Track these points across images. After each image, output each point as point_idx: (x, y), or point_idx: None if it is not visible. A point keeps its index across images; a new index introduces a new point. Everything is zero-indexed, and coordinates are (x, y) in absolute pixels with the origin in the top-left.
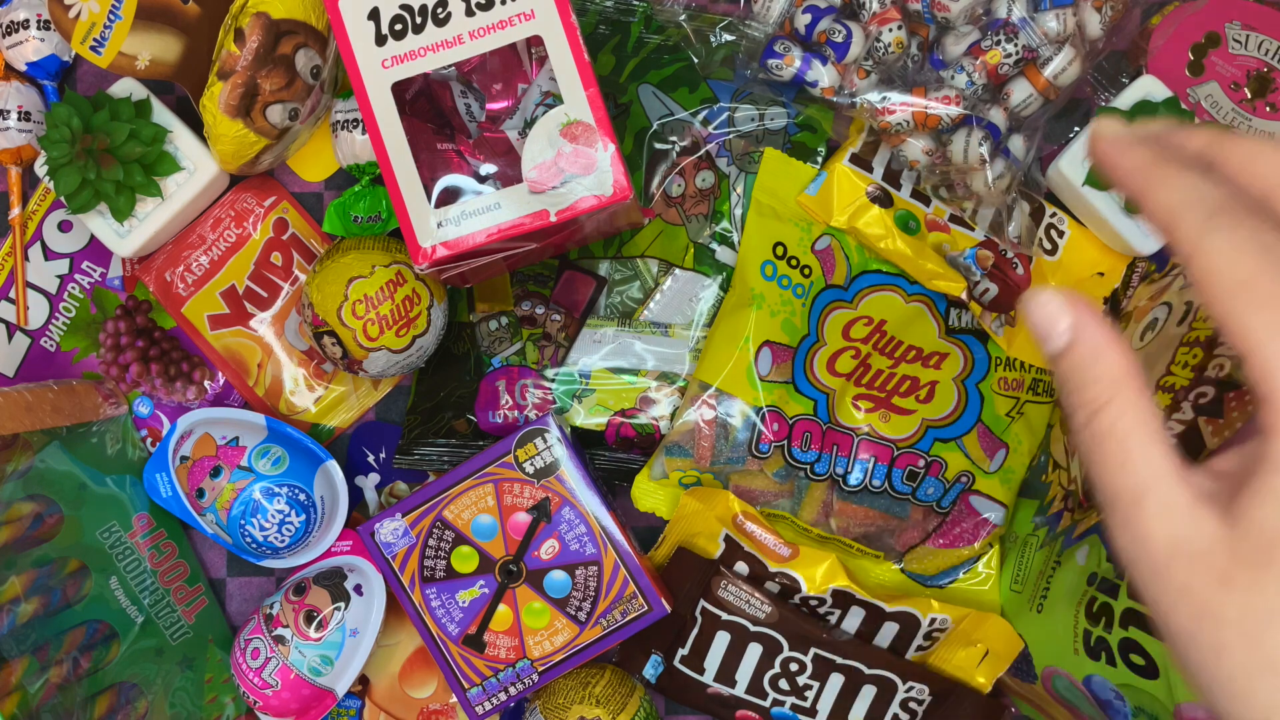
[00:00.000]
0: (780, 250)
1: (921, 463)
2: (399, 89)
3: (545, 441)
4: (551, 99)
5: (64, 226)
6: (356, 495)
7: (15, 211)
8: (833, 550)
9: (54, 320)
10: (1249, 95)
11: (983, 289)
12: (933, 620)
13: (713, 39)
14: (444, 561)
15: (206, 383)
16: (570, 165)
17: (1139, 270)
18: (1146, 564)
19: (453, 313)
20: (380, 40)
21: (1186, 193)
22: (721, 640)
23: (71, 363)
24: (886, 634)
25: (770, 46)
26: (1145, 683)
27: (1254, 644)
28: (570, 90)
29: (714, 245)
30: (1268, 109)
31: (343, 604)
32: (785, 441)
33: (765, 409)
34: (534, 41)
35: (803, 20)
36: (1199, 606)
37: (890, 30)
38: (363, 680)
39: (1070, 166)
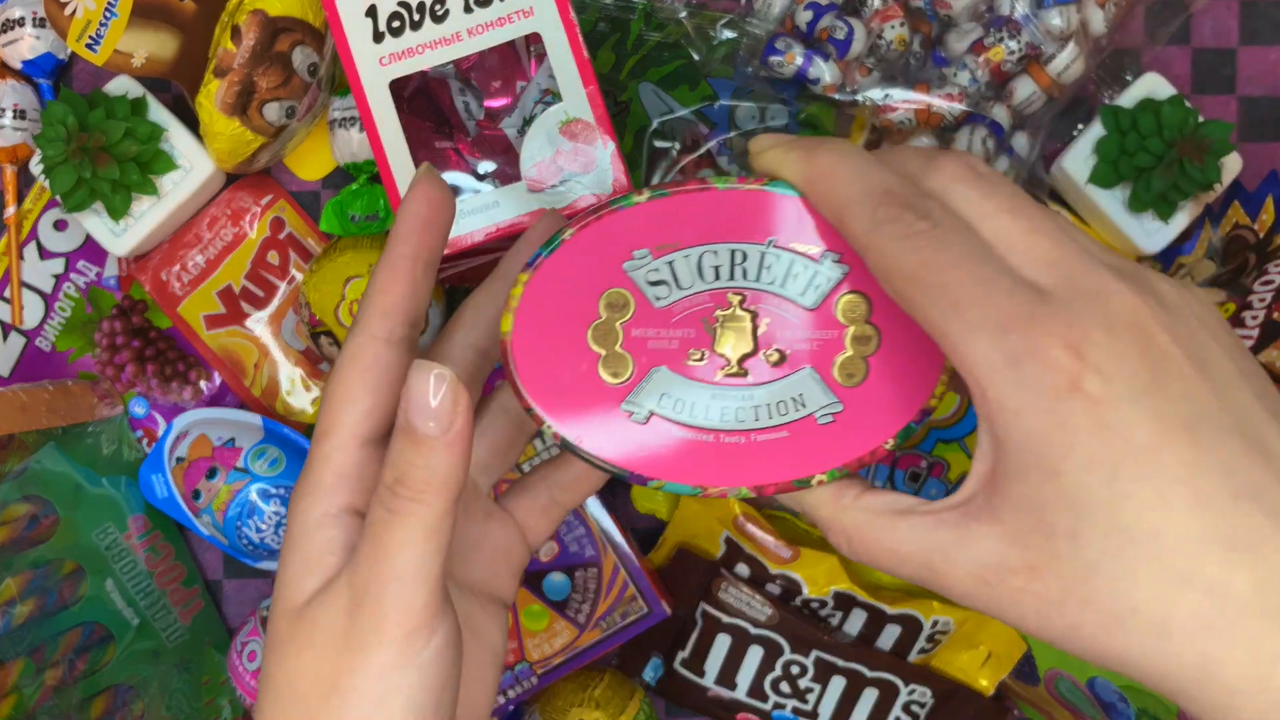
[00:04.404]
0: None
1: (924, 464)
2: (397, 87)
3: (544, 442)
4: (550, 97)
5: (59, 225)
6: None
7: (10, 210)
8: (834, 552)
9: (49, 320)
10: None
11: None
12: (935, 622)
13: (713, 36)
14: None
15: (202, 383)
16: (569, 163)
17: None
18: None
19: (450, 312)
20: (378, 37)
21: (853, 184)
22: (722, 643)
23: (67, 363)
24: (888, 636)
25: (771, 44)
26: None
27: (1091, 605)
28: (569, 88)
29: None
30: None
31: None
32: None
33: None
34: (533, 39)
35: (804, 17)
36: (1026, 609)
37: (892, 27)
38: None
39: (1074, 164)
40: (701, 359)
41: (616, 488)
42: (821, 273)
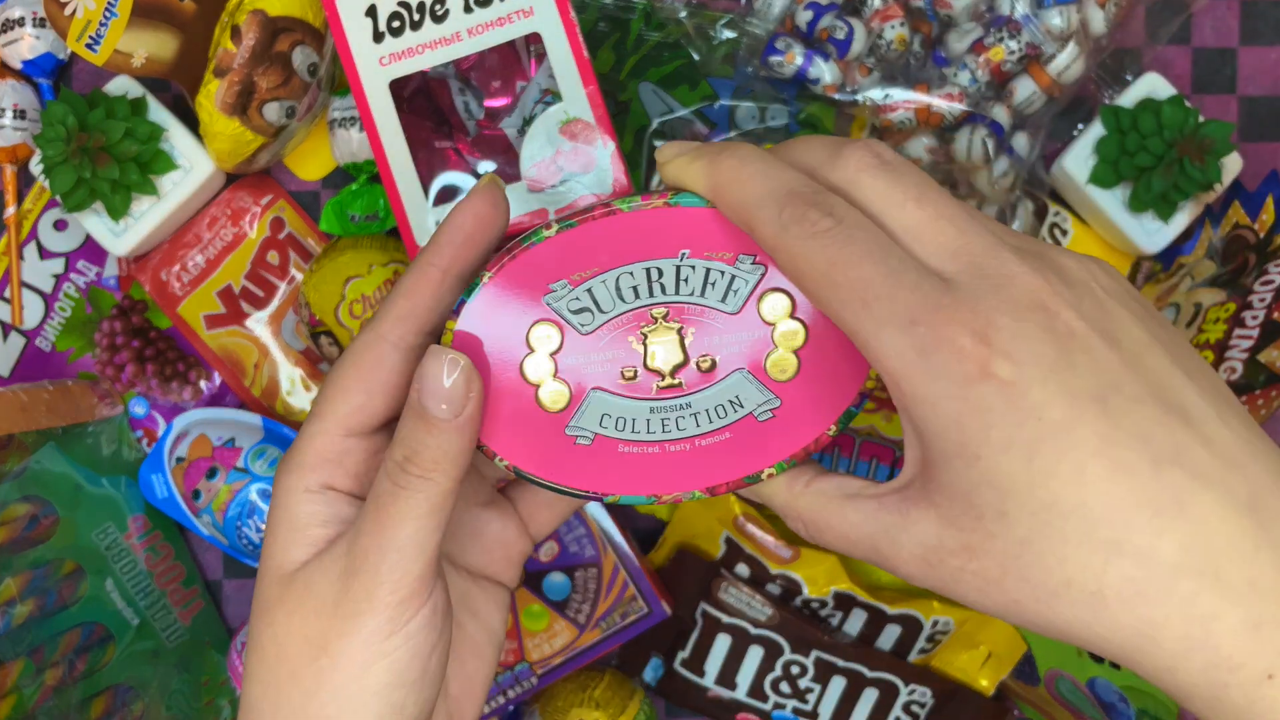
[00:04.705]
0: None
1: None
2: (397, 86)
3: None
4: (550, 96)
5: (59, 225)
6: None
7: (10, 210)
8: (834, 552)
9: (49, 320)
10: None
11: None
12: (935, 623)
13: (713, 36)
14: None
15: (202, 383)
16: (569, 163)
17: (1144, 270)
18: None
19: None
20: (378, 37)
21: (757, 188)
22: (722, 643)
23: (67, 363)
24: (889, 637)
25: (771, 43)
26: (1149, 685)
27: (1028, 581)
28: (569, 88)
29: None
30: None
31: None
32: None
33: None
34: (533, 39)
35: (804, 17)
36: (968, 587)
37: (893, 27)
38: None
39: (1074, 164)
40: (635, 376)
41: None
42: (739, 276)
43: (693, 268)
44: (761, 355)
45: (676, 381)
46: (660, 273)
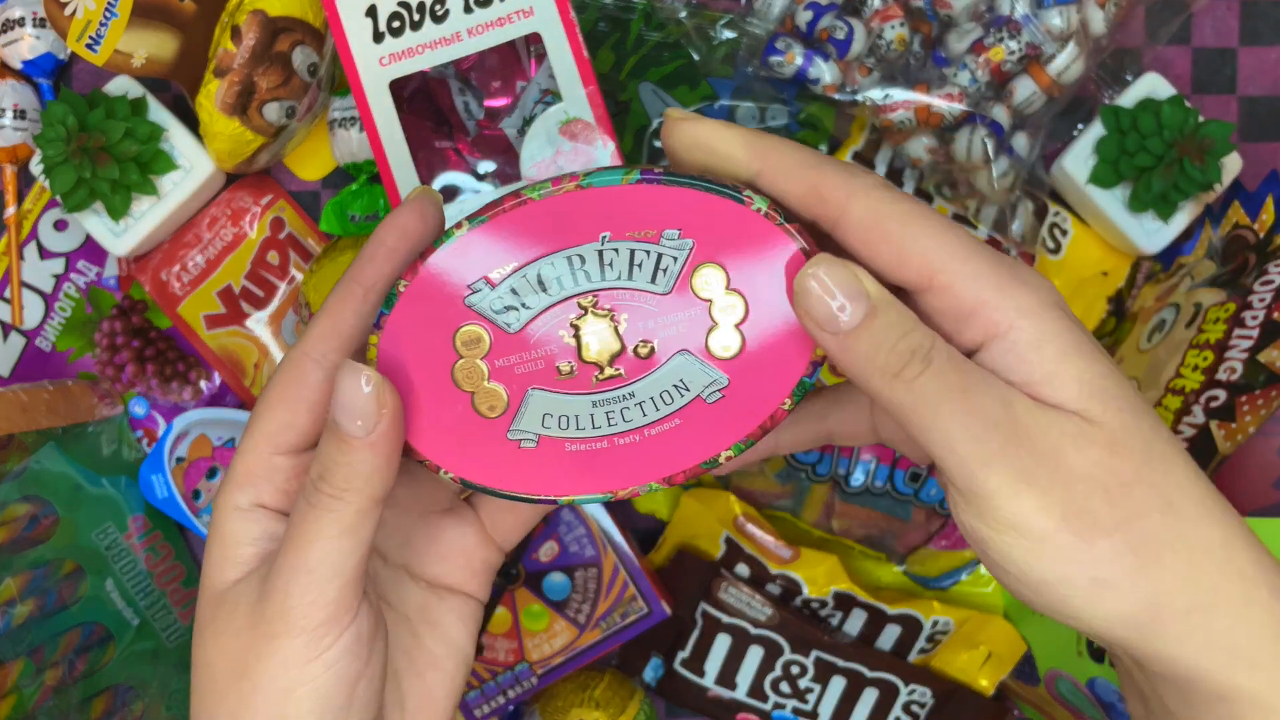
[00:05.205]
0: None
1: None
2: (397, 87)
3: None
4: (550, 97)
5: (59, 225)
6: None
7: (10, 210)
8: (834, 552)
9: (49, 320)
10: None
11: None
12: (935, 623)
13: (713, 36)
14: None
15: (202, 383)
16: (569, 163)
17: (1144, 270)
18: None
19: None
20: (378, 37)
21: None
22: (722, 643)
23: (67, 363)
24: (889, 637)
25: (771, 44)
26: None
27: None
28: (569, 88)
29: None
30: None
31: None
32: None
33: None
34: (533, 39)
35: (804, 17)
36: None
37: (892, 27)
38: None
39: (1074, 164)
40: (572, 371)
41: None
42: (666, 254)
43: (616, 250)
44: (701, 334)
45: (616, 371)
46: (582, 260)
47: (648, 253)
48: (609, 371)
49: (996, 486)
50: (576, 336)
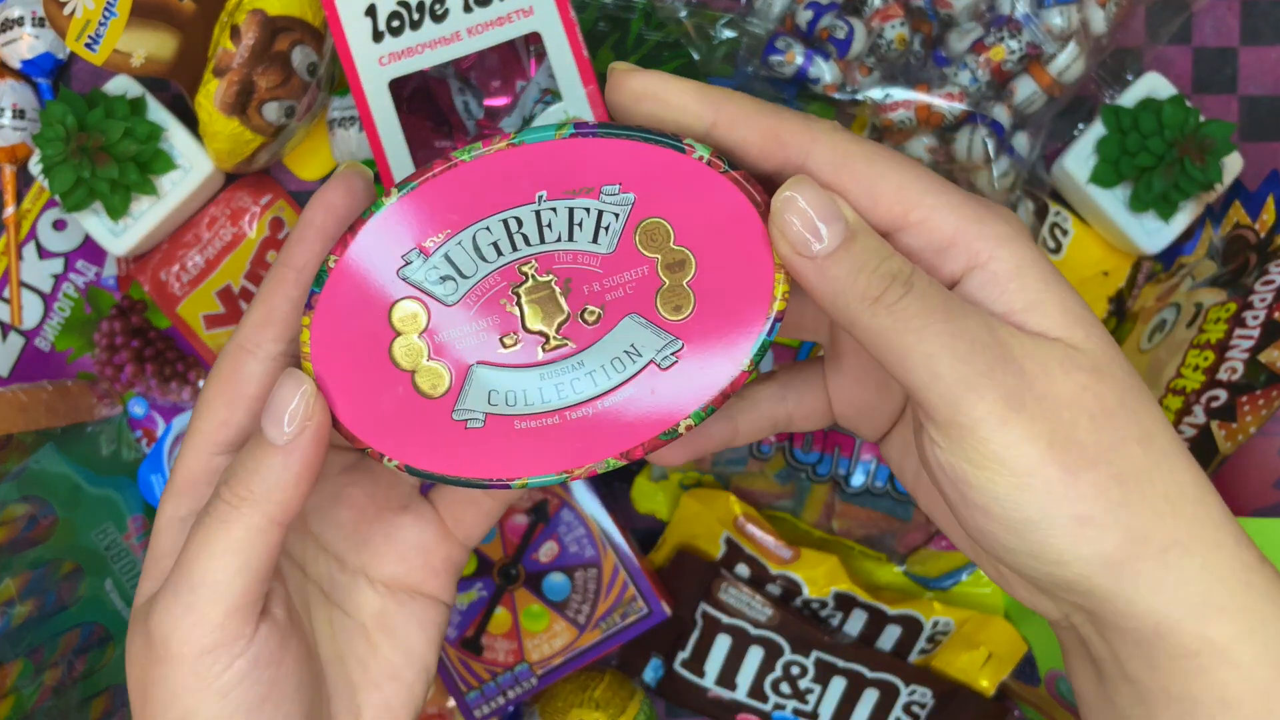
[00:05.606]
0: None
1: None
2: (396, 86)
3: None
4: (550, 96)
5: (58, 225)
6: None
7: (9, 210)
8: (835, 552)
9: (48, 320)
10: None
11: None
12: (935, 623)
13: (713, 36)
14: None
15: (201, 383)
16: None
17: (1144, 269)
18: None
19: None
20: (377, 37)
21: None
22: (722, 643)
23: (66, 363)
24: (889, 637)
25: (771, 43)
26: None
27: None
28: (569, 87)
29: None
30: None
31: None
32: (787, 443)
33: None
34: (533, 38)
35: (804, 16)
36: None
37: (893, 26)
38: None
39: (1075, 164)
40: (516, 343)
41: (615, 487)
42: (607, 211)
43: (554, 210)
44: (650, 295)
45: (563, 341)
46: (520, 222)
47: (587, 210)
48: (555, 341)
49: (983, 414)
50: (519, 305)
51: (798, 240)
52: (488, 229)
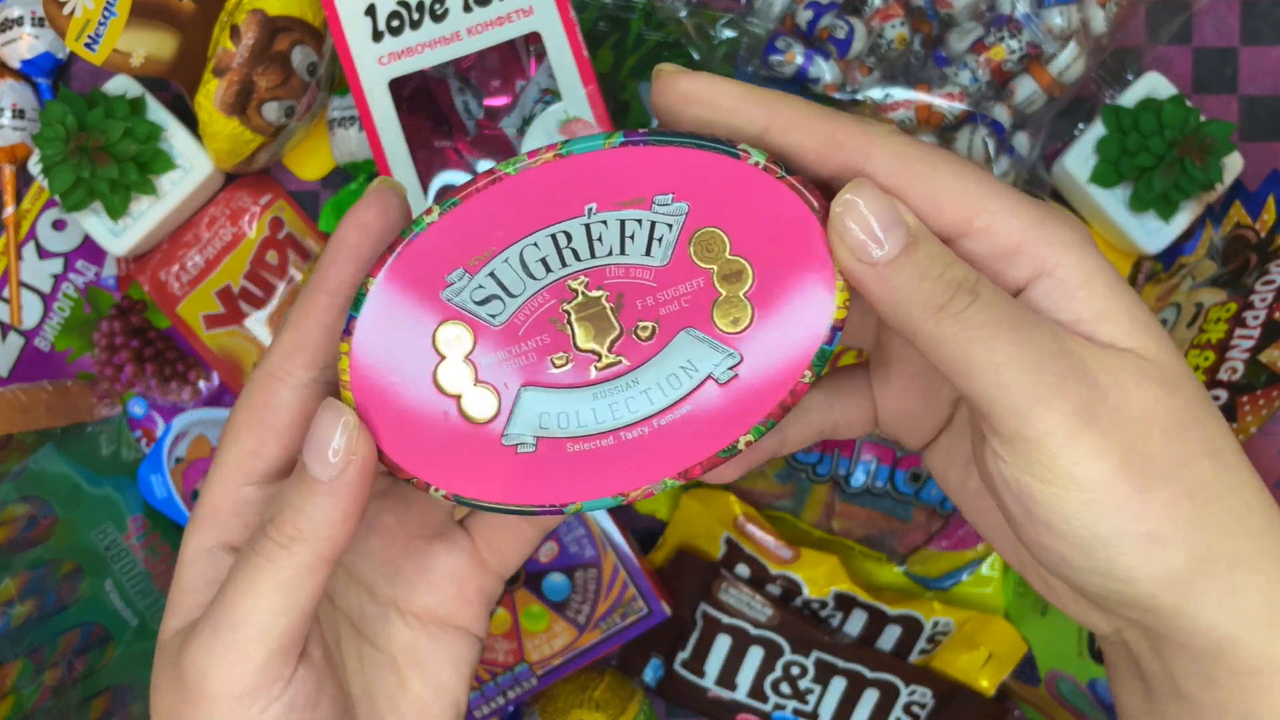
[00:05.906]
0: None
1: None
2: (396, 86)
3: None
4: (550, 96)
5: (58, 225)
6: None
7: (9, 210)
8: (835, 552)
9: (48, 320)
10: None
11: None
12: (936, 623)
13: (714, 35)
14: None
15: (201, 383)
16: None
17: (1145, 269)
18: None
19: None
20: (377, 37)
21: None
22: (722, 644)
23: (66, 363)
24: (889, 637)
25: (772, 43)
26: None
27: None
28: (569, 87)
29: None
30: None
31: None
32: None
33: None
34: (532, 38)
35: (805, 16)
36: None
37: (893, 26)
38: None
39: (1075, 164)
40: (566, 363)
41: None
42: (660, 221)
43: (604, 223)
44: (706, 307)
45: (616, 359)
46: (569, 236)
47: (639, 222)
48: (608, 359)
49: (1052, 428)
50: (570, 324)
51: (858, 247)
52: (535, 245)
